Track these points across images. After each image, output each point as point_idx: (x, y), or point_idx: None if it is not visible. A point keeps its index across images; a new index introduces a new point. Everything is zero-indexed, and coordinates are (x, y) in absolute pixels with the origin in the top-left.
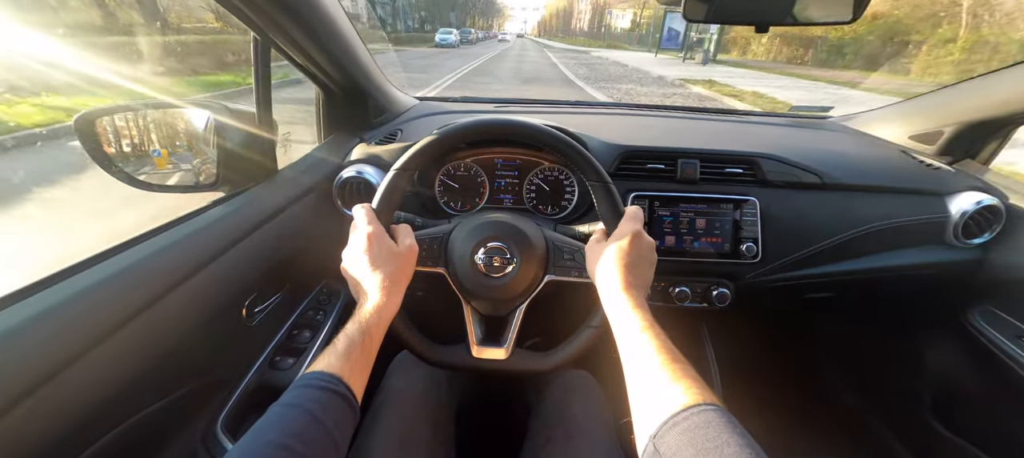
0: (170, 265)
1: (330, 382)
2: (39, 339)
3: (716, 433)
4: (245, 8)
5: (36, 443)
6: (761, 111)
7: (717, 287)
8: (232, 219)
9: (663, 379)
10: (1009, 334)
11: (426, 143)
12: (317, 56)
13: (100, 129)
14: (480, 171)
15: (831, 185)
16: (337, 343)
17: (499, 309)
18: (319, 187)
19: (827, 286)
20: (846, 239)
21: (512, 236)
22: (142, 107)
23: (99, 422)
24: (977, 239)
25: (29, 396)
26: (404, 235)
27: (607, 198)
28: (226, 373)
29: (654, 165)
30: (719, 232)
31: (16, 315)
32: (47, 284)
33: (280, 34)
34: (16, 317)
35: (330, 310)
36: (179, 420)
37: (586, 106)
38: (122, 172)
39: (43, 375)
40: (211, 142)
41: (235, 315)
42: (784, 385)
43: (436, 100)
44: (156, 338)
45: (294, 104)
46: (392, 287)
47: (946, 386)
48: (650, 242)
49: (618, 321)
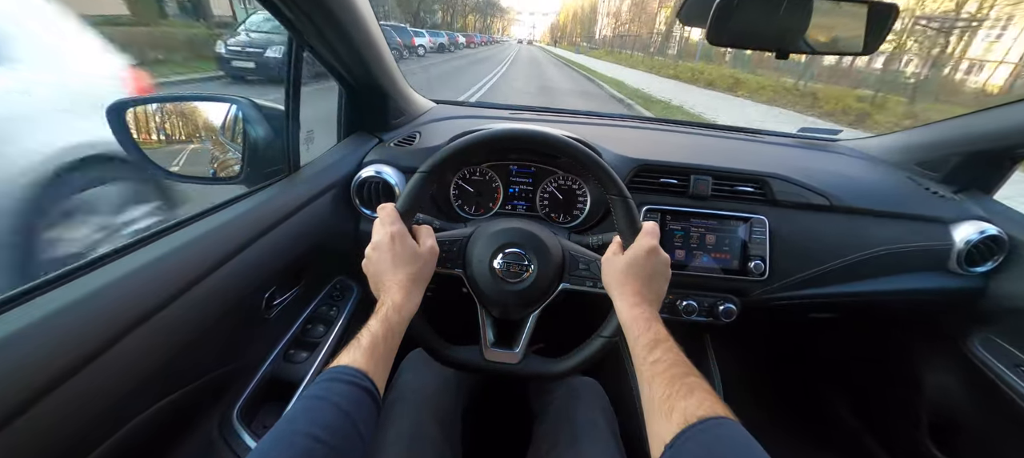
0: (199, 257)
1: (356, 377)
2: (72, 327)
3: (734, 446)
4: (285, 9)
5: (69, 429)
6: (771, 131)
7: (724, 302)
8: (256, 214)
9: (680, 390)
10: (1008, 362)
11: (452, 149)
12: (347, 57)
13: (130, 118)
14: (495, 176)
15: (839, 207)
16: (361, 339)
17: (512, 314)
18: (338, 185)
19: (831, 306)
20: (852, 261)
21: (530, 243)
22: (172, 99)
23: (126, 409)
24: (980, 268)
25: (62, 383)
26: (426, 236)
27: (626, 213)
28: (243, 364)
29: (667, 180)
30: (728, 248)
31: (51, 303)
32: (81, 272)
33: (315, 35)
34: (52, 305)
35: (343, 306)
36: (198, 407)
37: (600, 117)
38: (149, 161)
39: (77, 363)
40: (237, 136)
41: (255, 308)
42: (785, 402)
43: (452, 104)
44: (181, 328)
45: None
46: (413, 286)
47: (945, 412)
48: (665, 258)
49: (633, 333)
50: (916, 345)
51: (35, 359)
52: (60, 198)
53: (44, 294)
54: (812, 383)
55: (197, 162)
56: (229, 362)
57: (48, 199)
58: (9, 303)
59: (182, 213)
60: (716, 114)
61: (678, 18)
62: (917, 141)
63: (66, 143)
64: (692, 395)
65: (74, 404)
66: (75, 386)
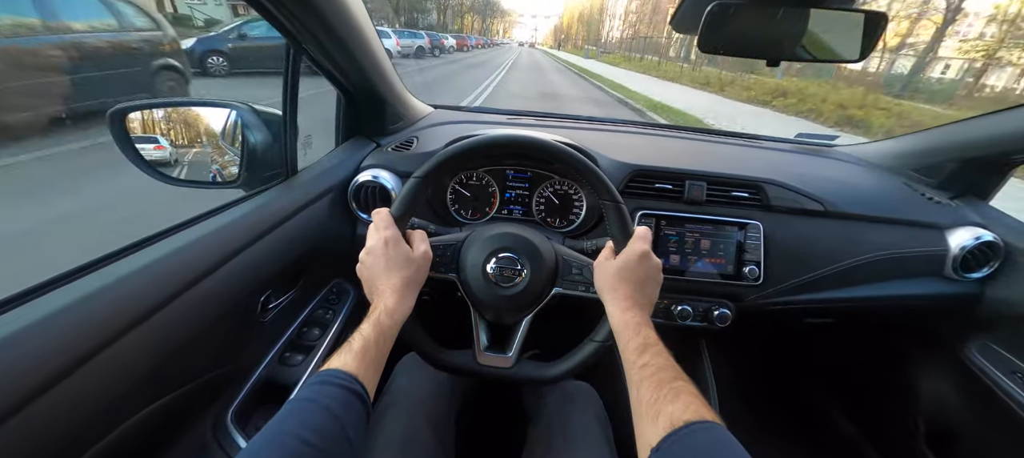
0: (196, 260)
1: (347, 380)
2: (68, 329)
3: (719, 450)
4: (281, 17)
5: (62, 429)
6: (768, 136)
7: (718, 307)
8: (254, 217)
9: (667, 394)
10: (1005, 369)
11: (447, 154)
12: (344, 63)
13: (129, 123)
14: (492, 181)
15: (834, 213)
16: (352, 342)
17: (506, 318)
18: (335, 189)
19: (827, 312)
20: (847, 267)
21: (523, 248)
22: (172, 104)
23: (119, 411)
24: (975, 274)
25: (56, 384)
26: (419, 241)
27: (618, 218)
28: (238, 366)
29: (662, 185)
30: (723, 253)
31: (48, 304)
32: (75, 276)
33: (312, 42)
34: (44, 309)
35: (339, 309)
36: (192, 410)
37: (597, 122)
38: (148, 165)
39: (71, 364)
40: (236, 141)
41: (250, 311)
42: (780, 408)
43: (450, 109)
44: (178, 331)
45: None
46: (406, 291)
47: (941, 418)
48: (657, 263)
49: (624, 336)
50: (912, 351)
51: (30, 360)
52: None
53: (42, 296)
54: (808, 389)
55: (196, 167)
56: (224, 365)
57: None
58: (7, 304)
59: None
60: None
61: (670, 25)
62: (913, 147)
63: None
64: (678, 399)
65: (68, 405)
66: (69, 387)
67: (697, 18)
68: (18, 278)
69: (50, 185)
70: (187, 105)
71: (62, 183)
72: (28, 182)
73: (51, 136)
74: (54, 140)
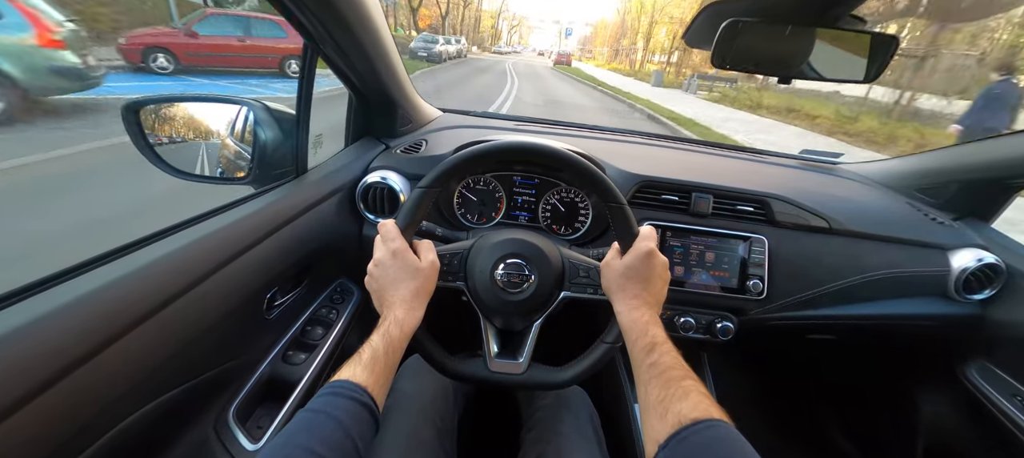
0: (204, 256)
1: (356, 392)
2: (76, 323)
3: (727, 448)
4: (302, 17)
5: (65, 424)
6: (774, 152)
7: (721, 320)
8: (264, 214)
9: (675, 393)
10: (1005, 392)
11: (452, 163)
12: (359, 64)
13: (144, 118)
14: (499, 186)
15: (839, 230)
16: (362, 353)
17: (515, 324)
18: (344, 189)
19: (829, 329)
20: (850, 284)
21: (530, 253)
22: (186, 99)
23: (123, 405)
24: (977, 295)
25: (61, 379)
26: (426, 250)
27: (623, 219)
28: (241, 363)
29: (668, 196)
30: (727, 267)
31: (51, 301)
32: (83, 270)
33: (330, 43)
34: (52, 303)
35: (343, 309)
36: (195, 406)
37: (605, 132)
38: (160, 159)
39: (78, 359)
40: (247, 138)
41: (256, 308)
42: (780, 422)
43: (459, 113)
44: (184, 326)
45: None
46: (415, 302)
47: (940, 438)
48: (664, 260)
49: (632, 335)
50: (913, 370)
51: (36, 354)
52: None
53: (47, 290)
54: (808, 404)
55: (208, 162)
56: (227, 361)
57: None
58: (10, 298)
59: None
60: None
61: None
62: (917, 167)
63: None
64: (687, 397)
65: (72, 400)
66: (74, 382)
67: (709, 33)
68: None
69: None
70: (200, 101)
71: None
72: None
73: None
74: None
